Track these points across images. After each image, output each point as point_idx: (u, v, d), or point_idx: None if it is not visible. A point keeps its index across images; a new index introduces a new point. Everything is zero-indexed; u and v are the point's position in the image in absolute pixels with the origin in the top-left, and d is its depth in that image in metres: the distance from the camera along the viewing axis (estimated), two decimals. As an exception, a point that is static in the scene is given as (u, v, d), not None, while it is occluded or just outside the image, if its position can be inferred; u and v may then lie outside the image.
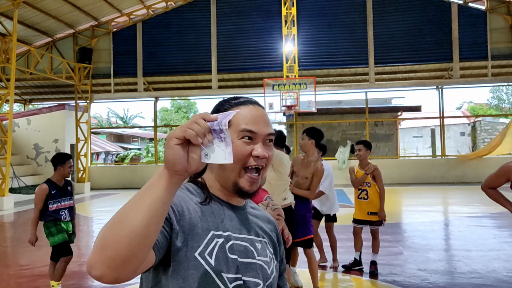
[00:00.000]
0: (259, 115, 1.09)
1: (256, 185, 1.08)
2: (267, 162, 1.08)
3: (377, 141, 19.89)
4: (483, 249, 6.12)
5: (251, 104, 1.11)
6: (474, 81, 16.68)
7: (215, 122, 0.87)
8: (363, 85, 17.02)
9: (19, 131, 16.99)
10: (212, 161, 0.87)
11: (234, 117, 1.04)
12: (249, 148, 1.05)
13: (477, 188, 14.13)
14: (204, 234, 1.01)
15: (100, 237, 0.80)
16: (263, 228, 1.18)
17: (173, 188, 0.84)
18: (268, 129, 1.09)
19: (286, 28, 15.94)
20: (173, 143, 0.82)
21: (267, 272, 1.10)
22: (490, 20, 16.08)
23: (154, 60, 17.50)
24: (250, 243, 1.10)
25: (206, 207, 1.06)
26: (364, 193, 5.11)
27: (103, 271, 0.78)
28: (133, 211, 0.80)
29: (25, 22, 15.29)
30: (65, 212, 4.53)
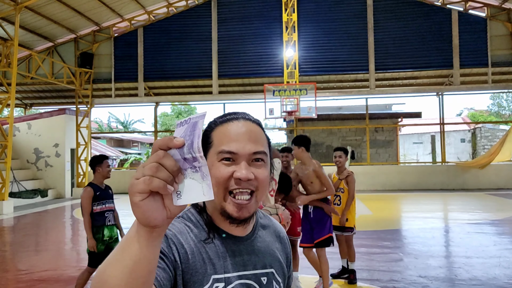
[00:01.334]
0: (241, 132, 0.97)
1: (246, 210, 0.96)
2: (258, 184, 0.96)
3: (377, 147, 19.89)
4: (484, 256, 6.09)
5: (236, 120, 1.00)
6: (475, 87, 16.71)
7: (185, 149, 0.69)
8: (364, 91, 17.05)
9: (19, 135, 16.99)
10: (186, 201, 0.69)
11: (214, 136, 0.98)
12: (229, 170, 0.94)
13: (478, 195, 14.15)
14: (205, 280, 0.94)
15: None
16: (272, 254, 1.09)
17: (156, 242, 0.70)
18: (253, 147, 0.96)
19: (286, 34, 15.99)
20: (137, 199, 0.66)
21: None
22: (491, 27, 16.14)
23: (155, 65, 17.55)
24: (255, 280, 1.01)
25: (208, 246, 0.98)
26: (337, 199, 5.10)
27: None
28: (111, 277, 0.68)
29: (27, 26, 15.34)
30: (110, 214, 4.45)
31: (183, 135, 0.70)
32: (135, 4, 16.41)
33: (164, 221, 0.69)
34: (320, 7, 16.89)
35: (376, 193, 14.86)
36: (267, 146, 1.01)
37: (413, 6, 16.51)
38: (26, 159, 16.97)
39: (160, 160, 0.66)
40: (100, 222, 4.32)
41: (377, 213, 10.60)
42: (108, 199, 4.45)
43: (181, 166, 0.69)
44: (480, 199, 13.23)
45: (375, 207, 11.56)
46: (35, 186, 16.01)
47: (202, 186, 0.69)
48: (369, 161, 17.75)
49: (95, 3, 15.31)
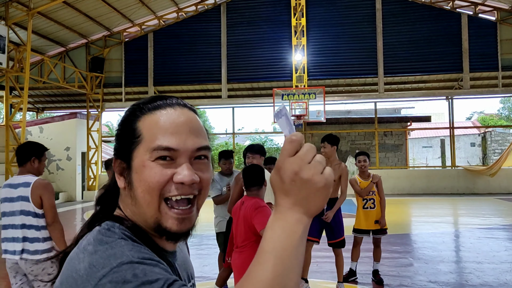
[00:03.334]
0: (181, 121, 0.78)
1: (188, 221, 0.78)
2: (202, 188, 0.79)
3: (386, 151, 19.82)
4: (495, 262, 6.06)
5: (171, 107, 0.80)
6: (485, 91, 16.61)
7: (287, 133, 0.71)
8: (373, 95, 17.03)
9: (31, 139, 17.20)
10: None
11: (143, 127, 0.78)
12: (168, 173, 0.75)
13: (488, 199, 14.01)
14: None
15: None
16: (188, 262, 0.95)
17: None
18: (196, 141, 0.79)
19: (295, 38, 16.05)
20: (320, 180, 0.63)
21: None
22: (501, 30, 16.05)
23: (164, 70, 17.69)
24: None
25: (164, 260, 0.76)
26: (370, 202, 5.19)
27: None
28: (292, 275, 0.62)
29: (39, 32, 15.58)
30: None
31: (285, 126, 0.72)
32: (145, 10, 16.59)
33: None
34: (329, 12, 16.93)
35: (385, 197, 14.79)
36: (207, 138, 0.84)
37: (422, 10, 16.48)
38: (37, 163, 17.15)
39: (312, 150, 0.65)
40: None
41: (386, 217, 10.51)
42: None
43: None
44: (491, 203, 13.12)
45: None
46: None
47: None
48: (378, 165, 17.69)
49: (107, 8, 15.51)
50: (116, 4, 15.53)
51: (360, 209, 5.22)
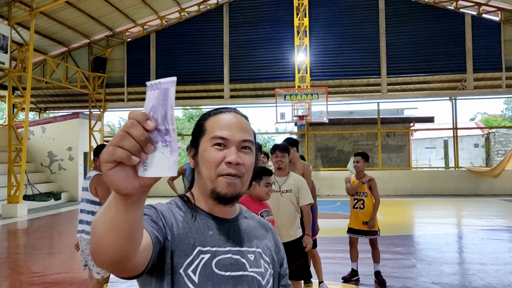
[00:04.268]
0: (233, 121, 1.08)
1: (233, 187, 1.03)
2: (245, 170, 1.05)
3: (389, 152, 19.75)
4: (498, 263, 6.01)
5: (228, 112, 1.11)
6: (488, 92, 16.53)
7: (159, 119, 0.68)
8: (375, 95, 16.98)
9: (34, 139, 17.24)
10: (152, 174, 0.69)
11: (207, 125, 1.08)
12: (221, 155, 1.04)
13: (492, 201, 13.95)
14: (190, 251, 1.00)
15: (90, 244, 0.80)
16: (258, 237, 1.15)
17: (133, 209, 0.74)
18: (242, 135, 1.06)
19: (298, 39, 16.01)
20: (105, 169, 0.68)
21: (262, 283, 1.08)
22: (504, 31, 15.97)
23: (167, 70, 17.68)
24: (242, 256, 1.07)
25: (193, 223, 1.05)
26: (360, 203, 5.19)
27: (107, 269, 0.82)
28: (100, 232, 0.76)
29: (42, 32, 15.60)
30: None
31: (155, 103, 0.69)
32: (148, 10, 16.60)
33: (136, 190, 0.71)
34: (332, 12, 16.89)
35: (388, 198, 14.75)
36: (253, 138, 1.12)
37: (425, 10, 16.42)
38: (40, 162, 17.20)
39: (127, 129, 0.67)
40: None
41: (389, 219, 10.52)
42: None
43: (153, 138, 0.69)
44: (494, 205, 13.05)
45: (387, 212, 11.47)
46: (49, 189, 16.21)
47: (169, 162, 0.69)
48: (380, 166, 17.63)
49: (109, 8, 15.52)
50: (119, 4, 15.53)
51: (351, 208, 5.30)
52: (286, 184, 3.89)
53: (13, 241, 9.00)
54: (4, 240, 9.12)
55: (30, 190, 15.03)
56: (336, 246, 6.37)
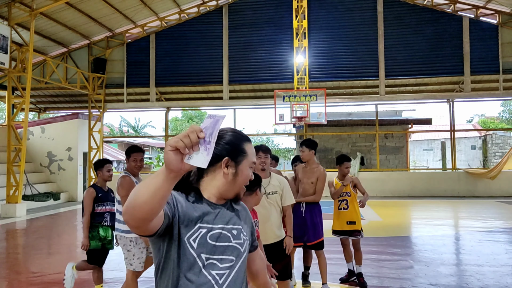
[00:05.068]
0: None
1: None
2: None
3: (386, 154, 19.82)
4: (495, 265, 6.07)
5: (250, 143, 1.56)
6: (485, 94, 16.61)
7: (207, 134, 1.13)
8: (374, 97, 17.04)
9: (33, 139, 17.26)
10: (191, 163, 1.12)
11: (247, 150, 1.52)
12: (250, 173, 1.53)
13: (489, 202, 13.97)
14: (193, 225, 1.41)
15: (128, 198, 1.17)
16: (240, 218, 1.57)
17: (171, 182, 1.15)
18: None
19: (297, 40, 16.08)
20: (167, 149, 1.11)
21: (240, 251, 1.50)
22: (502, 34, 16.07)
23: (166, 71, 17.73)
24: (228, 231, 1.48)
25: (197, 205, 1.45)
26: (344, 203, 5.18)
27: (131, 224, 1.21)
28: (142, 192, 1.15)
29: (42, 32, 15.62)
30: (109, 216, 4.58)
31: (208, 126, 1.15)
32: (148, 11, 16.64)
33: (179, 170, 1.14)
34: (331, 14, 16.96)
35: (385, 200, 14.81)
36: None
37: (423, 13, 16.51)
38: (39, 163, 17.22)
39: (189, 133, 1.12)
40: (97, 221, 4.50)
41: (387, 220, 10.58)
42: (109, 202, 4.61)
43: (200, 143, 1.13)
44: (491, 206, 13.12)
45: (385, 213, 11.54)
46: (48, 189, 16.22)
47: (204, 159, 1.13)
48: (378, 167, 17.70)
49: (109, 10, 15.55)
50: (119, 5, 15.57)
51: (336, 209, 5.27)
52: (270, 185, 3.86)
53: (12, 241, 9.03)
54: (3, 240, 9.14)
55: (29, 190, 15.04)
56: (334, 247, 6.43)
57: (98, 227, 4.51)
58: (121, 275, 5.55)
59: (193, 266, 1.39)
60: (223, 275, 1.43)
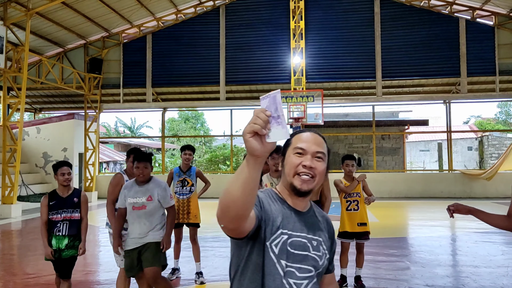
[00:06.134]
0: (310, 138, 1.49)
1: (306, 184, 1.44)
2: (316, 174, 1.45)
3: (383, 155, 19.84)
4: (492, 266, 6.07)
5: (309, 131, 1.52)
6: (482, 96, 16.66)
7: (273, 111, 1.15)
8: (371, 98, 17.06)
9: (28, 139, 17.17)
10: (272, 139, 1.15)
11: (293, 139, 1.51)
12: (299, 159, 1.45)
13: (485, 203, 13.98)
14: (275, 230, 1.42)
15: (219, 202, 1.21)
16: (321, 229, 1.55)
17: (258, 168, 1.17)
18: (316, 147, 1.47)
19: (294, 41, 16.07)
20: (247, 137, 1.13)
21: (319, 263, 1.48)
22: (498, 35, 16.12)
23: (163, 71, 17.69)
24: (308, 240, 1.47)
25: (280, 210, 1.46)
26: (354, 204, 5.10)
27: (228, 227, 1.25)
28: (232, 187, 1.17)
29: (37, 32, 15.56)
30: (64, 225, 4.13)
31: (268, 105, 1.17)
32: (144, 11, 16.60)
33: (263, 153, 1.15)
34: (328, 15, 16.97)
35: (382, 201, 14.82)
36: (326, 151, 1.51)
37: (420, 14, 16.54)
38: (34, 163, 17.13)
39: (257, 114, 1.14)
40: (50, 230, 4.14)
41: (384, 221, 10.57)
42: (67, 208, 4.17)
43: (270, 122, 1.15)
44: (488, 207, 13.09)
45: (382, 214, 11.53)
46: (43, 190, 16.14)
47: (282, 132, 1.15)
48: (375, 168, 17.71)
49: (105, 9, 15.50)
50: (115, 5, 15.52)
51: (344, 211, 5.13)
52: None
53: (7, 242, 8.96)
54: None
55: (25, 191, 14.96)
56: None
57: (52, 236, 4.13)
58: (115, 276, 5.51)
59: (274, 272, 1.39)
60: (301, 285, 1.42)
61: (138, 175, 3.93)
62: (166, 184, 4.09)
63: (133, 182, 4.03)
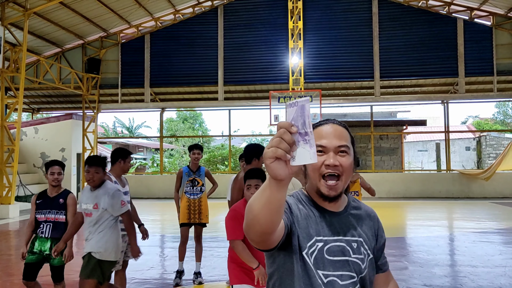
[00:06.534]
0: (329, 131, 1.32)
1: (334, 190, 1.31)
2: (343, 169, 1.30)
3: (381, 155, 19.87)
4: (489, 265, 6.08)
5: (326, 123, 1.35)
6: (480, 96, 16.70)
7: (300, 126, 1.01)
8: (369, 98, 17.07)
9: (26, 139, 17.13)
10: (298, 163, 1.01)
11: None
12: (321, 159, 1.29)
13: (483, 203, 14.01)
14: (309, 239, 1.31)
15: (245, 219, 1.15)
16: (362, 226, 1.42)
17: (283, 189, 1.05)
18: (338, 141, 1.31)
19: (292, 41, 16.07)
20: (268, 162, 1.00)
21: (361, 267, 1.35)
22: (496, 35, 16.15)
23: (161, 71, 17.67)
24: (347, 244, 1.34)
25: (312, 216, 1.34)
26: None
27: (255, 240, 1.17)
28: (256, 206, 1.09)
29: (35, 32, 15.53)
30: (47, 226, 3.95)
31: (295, 116, 1.02)
32: (142, 11, 16.58)
33: (287, 176, 1.02)
34: (326, 15, 16.98)
35: (380, 201, 14.83)
36: (350, 142, 1.35)
37: (418, 15, 16.56)
38: (32, 163, 17.09)
39: (281, 136, 0.99)
40: (35, 231, 3.99)
41: (382, 221, 10.48)
42: (52, 209, 3.99)
43: (296, 139, 1.01)
44: (486, 207, 13.17)
45: (380, 214, 11.45)
46: (41, 190, 16.08)
47: (309, 153, 1.01)
48: (373, 168, 17.73)
49: (103, 9, 15.48)
50: (113, 5, 15.50)
51: None
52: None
53: (4, 243, 8.93)
54: (-4, 241, 9.05)
55: (22, 191, 14.90)
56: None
57: (36, 238, 3.96)
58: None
59: (314, 283, 1.29)
60: None
61: (88, 180, 3.67)
62: (115, 191, 3.74)
63: (89, 187, 3.78)
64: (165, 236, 9.21)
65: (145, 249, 7.77)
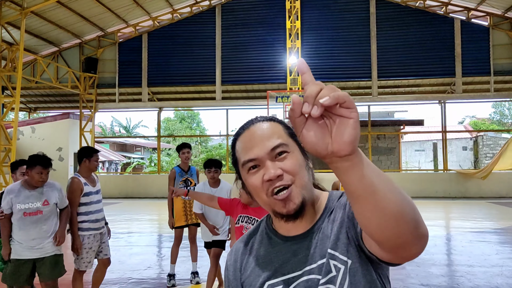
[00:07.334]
0: (255, 135, 1.00)
1: (290, 202, 0.96)
2: (290, 173, 0.96)
3: (379, 155, 19.90)
4: (486, 265, 6.10)
5: (247, 129, 1.03)
6: (477, 96, 16.75)
7: None
8: (366, 98, 17.10)
9: (23, 139, 17.08)
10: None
11: (237, 152, 1.03)
12: (260, 176, 0.97)
13: (480, 203, 14.06)
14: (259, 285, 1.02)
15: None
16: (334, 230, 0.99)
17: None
18: (268, 143, 0.97)
19: (290, 41, 16.08)
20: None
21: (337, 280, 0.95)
22: (493, 36, 16.20)
23: (159, 71, 17.65)
24: (318, 272, 0.97)
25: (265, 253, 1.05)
26: None
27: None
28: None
29: (32, 31, 15.48)
30: None
31: None
32: (140, 10, 16.55)
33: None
34: (324, 15, 16.99)
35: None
36: (286, 135, 1.01)
37: (416, 15, 16.60)
38: (29, 163, 17.02)
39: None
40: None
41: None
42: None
43: None
44: (482, 207, 13.21)
45: (377, 214, 11.54)
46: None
47: None
48: (371, 168, 17.72)
49: (101, 9, 15.45)
50: (111, 4, 15.47)
51: None
52: None
53: (1, 242, 8.91)
54: (-7, 241, 9.01)
55: (19, 190, 14.87)
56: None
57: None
58: (111, 277, 5.49)
59: None
60: None
61: (39, 181, 3.66)
62: (60, 185, 3.89)
63: (20, 186, 3.70)
64: (162, 236, 9.20)
65: (142, 249, 7.77)
